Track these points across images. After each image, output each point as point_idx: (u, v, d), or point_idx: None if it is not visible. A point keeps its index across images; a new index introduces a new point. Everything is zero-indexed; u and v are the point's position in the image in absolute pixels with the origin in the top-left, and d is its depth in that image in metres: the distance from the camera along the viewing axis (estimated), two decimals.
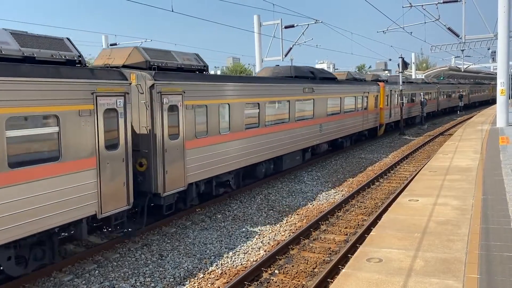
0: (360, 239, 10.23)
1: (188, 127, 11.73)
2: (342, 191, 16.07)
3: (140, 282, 8.72)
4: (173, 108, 11.24)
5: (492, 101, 79.37)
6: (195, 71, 12.93)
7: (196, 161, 12.09)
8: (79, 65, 9.24)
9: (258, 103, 15.29)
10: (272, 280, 8.75)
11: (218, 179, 13.55)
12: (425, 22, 31.75)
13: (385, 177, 18.35)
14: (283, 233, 11.47)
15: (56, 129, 8.14)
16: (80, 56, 9.27)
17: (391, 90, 31.66)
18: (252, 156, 14.89)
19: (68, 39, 9.47)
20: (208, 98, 12.61)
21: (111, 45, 36.25)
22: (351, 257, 8.47)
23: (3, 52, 7.90)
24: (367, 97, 26.74)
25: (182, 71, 12.35)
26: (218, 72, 75.71)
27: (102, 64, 11.59)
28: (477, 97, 69.80)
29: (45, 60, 8.56)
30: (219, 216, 12.91)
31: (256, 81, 15.73)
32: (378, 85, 29.33)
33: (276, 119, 16.59)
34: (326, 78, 21.81)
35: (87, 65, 9.72)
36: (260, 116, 15.44)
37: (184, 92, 11.58)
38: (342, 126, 22.98)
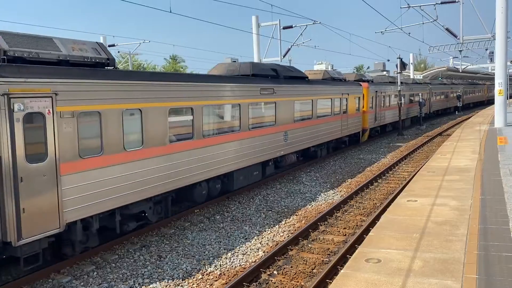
0: (359, 240, 10.23)
1: (65, 144, 8.55)
2: (340, 191, 16.08)
3: (139, 284, 8.70)
4: (33, 118, 8.06)
5: (487, 102, 76.83)
6: (91, 65, 9.76)
7: (83, 190, 8.92)
8: None
9: (192, 108, 12.09)
10: (271, 281, 8.74)
11: (126, 210, 10.38)
12: (423, 23, 31.81)
13: (384, 177, 18.36)
14: (282, 234, 11.47)
15: None
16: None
17: (376, 91, 29.03)
18: (184, 176, 11.77)
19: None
20: (103, 102, 9.37)
21: (109, 46, 36.22)
22: (350, 257, 8.47)
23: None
24: (346, 99, 23.73)
25: (68, 65, 9.21)
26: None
27: None
28: (472, 98, 67.35)
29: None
30: (217, 217, 12.90)
31: (187, 79, 12.28)
32: (361, 85, 26.62)
33: (221, 128, 13.46)
34: (293, 77, 18.64)
35: None
36: (195, 125, 12.23)
37: (57, 94, 8.39)
38: (315, 133, 19.94)
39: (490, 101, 78.83)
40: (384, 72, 53.87)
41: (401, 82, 35.04)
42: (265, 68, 17.05)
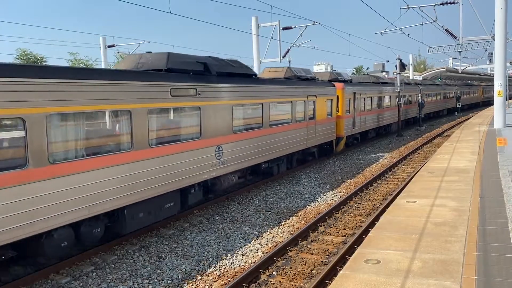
0: (358, 241, 10.24)
1: None
2: (340, 192, 16.08)
3: (138, 284, 8.70)
4: None
5: (482, 104, 74.48)
6: None
7: None
8: None
9: (23, 119, 7.66)
10: (270, 281, 8.74)
11: None
12: (422, 24, 31.83)
13: (383, 178, 18.37)
14: (281, 235, 11.47)
15: None
16: None
17: (354, 93, 25.12)
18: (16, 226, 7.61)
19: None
20: None
21: (108, 46, 36.24)
22: (349, 258, 8.48)
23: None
24: (314, 102, 19.72)
25: None
26: None
27: None
28: (466, 99, 63.44)
29: None
30: (217, 218, 12.90)
31: (31, 74, 7.88)
32: (334, 86, 22.44)
33: (95, 147, 9.20)
34: (233, 74, 14.24)
35: None
36: (32, 146, 7.81)
37: None
38: (268, 146, 15.87)
39: (486, 103, 76.94)
40: (384, 73, 53.70)
41: (387, 82, 32.60)
42: (189, 61, 12.61)
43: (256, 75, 15.91)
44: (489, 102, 78.04)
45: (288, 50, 31.19)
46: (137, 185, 10.15)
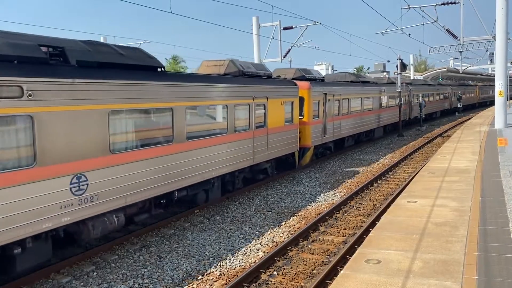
0: (359, 241, 10.23)
1: None
2: (340, 192, 16.08)
3: (139, 284, 8.70)
4: None
5: (479, 105, 70.07)
6: None
7: None
8: None
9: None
10: (271, 281, 8.74)
11: None
12: (423, 24, 31.85)
13: (384, 178, 18.36)
14: (281, 235, 11.47)
15: None
16: None
17: (326, 94, 20.96)
18: None
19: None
20: None
21: None
22: (349, 258, 8.48)
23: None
24: (264, 105, 15.56)
25: None
26: None
27: None
28: (461, 100, 58.46)
29: None
30: (217, 218, 12.90)
31: None
32: (295, 85, 18.23)
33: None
34: (113, 65, 9.83)
35: None
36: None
37: None
38: (186, 166, 11.66)
39: (482, 104, 73.20)
40: (384, 73, 53.25)
41: (369, 82, 29.27)
42: (22, 43, 8.18)
43: (163, 67, 11.37)
44: (486, 103, 75.22)
45: (289, 50, 31.24)
46: None
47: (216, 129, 13.01)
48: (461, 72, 60.05)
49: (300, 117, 18.88)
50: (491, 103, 74.57)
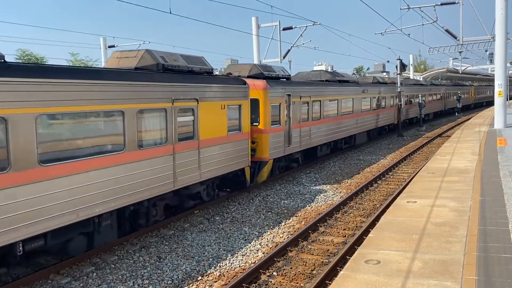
0: (359, 241, 10.23)
1: None
2: (340, 192, 16.08)
3: (138, 285, 8.70)
4: None
5: (474, 106, 66.72)
6: None
7: None
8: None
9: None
10: (271, 282, 8.74)
11: None
12: (423, 24, 31.84)
13: (383, 178, 18.36)
14: (281, 235, 11.47)
15: None
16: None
17: (290, 95, 17.41)
18: None
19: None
20: None
21: (109, 47, 36.23)
22: (349, 259, 8.47)
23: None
24: (193, 110, 12.12)
25: None
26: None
27: None
28: (455, 101, 55.72)
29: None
30: (217, 218, 12.89)
31: None
32: (245, 85, 14.74)
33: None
34: None
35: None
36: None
37: None
38: (43, 203, 8.03)
39: (478, 105, 70.26)
40: (384, 73, 53.14)
41: (348, 81, 25.56)
42: None
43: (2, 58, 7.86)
44: (482, 104, 73.02)
45: (289, 50, 31.24)
46: None
47: (104, 145, 9.38)
48: (460, 72, 60.08)
49: (254, 123, 15.77)
50: (488, 103, 73.61)
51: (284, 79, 18.47)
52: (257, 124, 15.86)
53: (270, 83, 16.24)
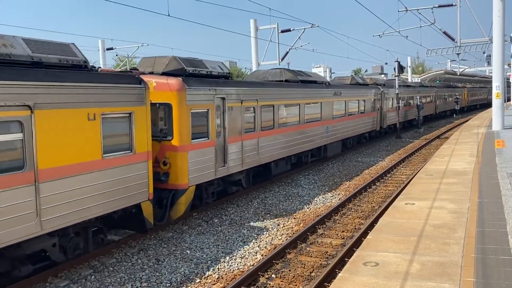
0: (357, 243, 10.23)
1: None
2: (339, 194, 16.09)
3: (137, 287, 8.69)
4: None
5: (467, 109, 63.46)
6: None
7: None
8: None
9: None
10: (269, 284, 8.74)
11: None
12: (420, 26, 31.95)
13: (382, 180, 18.38)
14: (280, 237, 11.46)
15: None
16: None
17: (223, 99, 13.45)
18: None
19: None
20: None
21: (107, 49, 36.24)
22: (348, 261, 8.47)
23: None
24: (22, 125, 7.75)
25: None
26: None
27: None
28: (446, 104, 52.98)
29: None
30: (216, 220, 12.89)
31: None
32: (140, 84, 10.50)
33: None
34: None
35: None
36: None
37: None
38: None
39: (471, 108, 67.08)
40: (382, 75, 52.97)
41: (316, 81, 21.17)
42: None
43: None
44: (475, 107, 70.00)
45: (287, 52, 31.30)
46: None
47: None
48: (458, 74, 60.19)
49: (166, 138, 11.77)
50: (482, 106, 72.22)
51: (220, 78, 14.10)
52: (170, 138, 11.71)
53: (190, 82, 12.12)
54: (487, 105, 70.13)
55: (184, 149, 11.86)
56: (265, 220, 13.01)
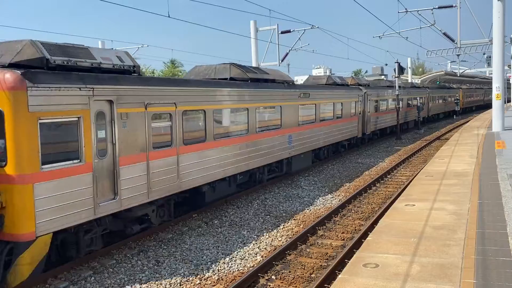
0: (357, 244, 10.22)
1: None
2: (339, 196, 16.08)
3: None
4: None
5: (462, 112, 59.03)
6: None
7: None
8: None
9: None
10: (269, 286, 8.73)
11: None
12: (420, 27, 31.89)
13: (382, 181, 18.37)
14: (280, 239, 11.46)
15: None
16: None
17: (111, 102, 9.55)
18: None
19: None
20: None
21: None
22: (348, 262, 8.47)
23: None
24: None
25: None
26: None
27: None
28: (439, 107, 49.60)
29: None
30: (215, 222, 12.88)
31: None
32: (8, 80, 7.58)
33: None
34: None
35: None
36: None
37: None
38: None
39: (466, 110, 63.59)
40: (382, 77, 52.93)
41: (275, 80, 17.54)
42: None
43: None
44: (471, 109, 67.36)
45: (287, 53, 31.28)
46: None
47: None
48: (458, 75, 60.18)
49: None
50: (478, 108, 71.17)
51: (115, 73, 10.22)
52: (3, 164, 7.95)
53: (38, 77, 8.22)
54: (484, 106, 69.77)
55: (26, 180, 7.95)
56: (265, 221, 13.00)
